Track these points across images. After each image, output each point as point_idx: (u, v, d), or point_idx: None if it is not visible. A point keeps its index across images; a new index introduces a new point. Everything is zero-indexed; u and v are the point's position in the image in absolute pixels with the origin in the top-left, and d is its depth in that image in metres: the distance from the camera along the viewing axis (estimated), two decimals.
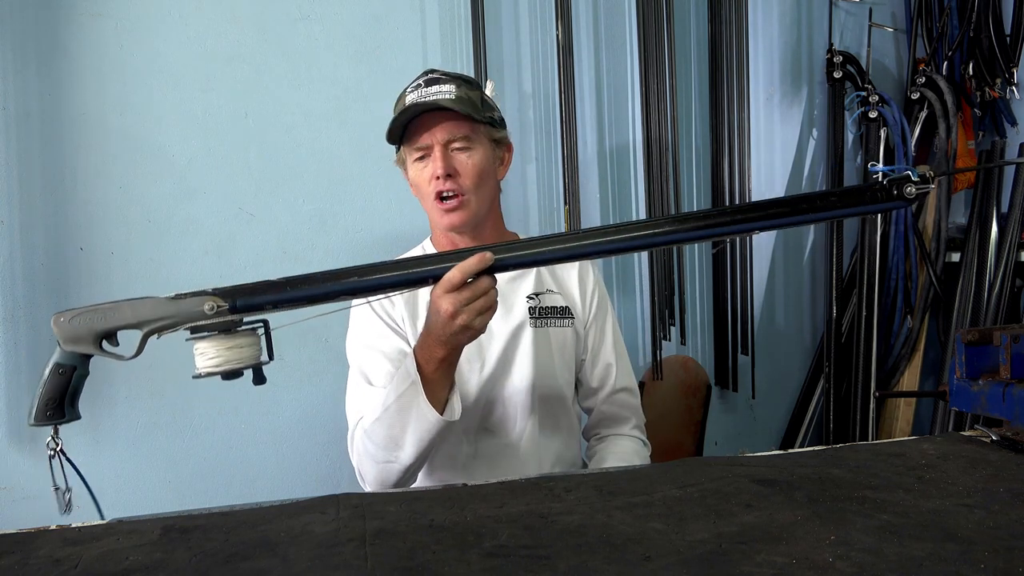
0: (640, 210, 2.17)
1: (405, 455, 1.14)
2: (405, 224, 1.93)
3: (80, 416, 0.93)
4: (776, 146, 2.36)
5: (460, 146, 1.28)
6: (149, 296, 0.89)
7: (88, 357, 0.90)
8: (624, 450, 1.38)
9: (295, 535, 0.78)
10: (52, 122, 1.74)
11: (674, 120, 2.11)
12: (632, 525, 0.76)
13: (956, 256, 2.36)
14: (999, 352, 0.98)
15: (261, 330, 0.93)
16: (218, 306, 0.89)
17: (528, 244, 0.97)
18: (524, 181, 2.07)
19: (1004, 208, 2.31)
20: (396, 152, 1.37)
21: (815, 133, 2.39)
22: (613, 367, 1.43)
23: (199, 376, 0.90)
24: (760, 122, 2.30)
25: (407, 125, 1.28)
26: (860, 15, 2.41)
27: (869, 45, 2.40)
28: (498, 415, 1.34)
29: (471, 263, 0.95)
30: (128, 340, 0.90)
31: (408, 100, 1.28)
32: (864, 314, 2.32)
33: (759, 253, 2.29)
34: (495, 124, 1.34)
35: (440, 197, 1.27)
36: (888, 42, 2.45)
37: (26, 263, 1.72)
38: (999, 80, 2.31)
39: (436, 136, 1.26)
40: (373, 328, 1.31)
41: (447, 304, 0.98)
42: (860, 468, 0.92)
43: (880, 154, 2.29)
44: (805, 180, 2.39)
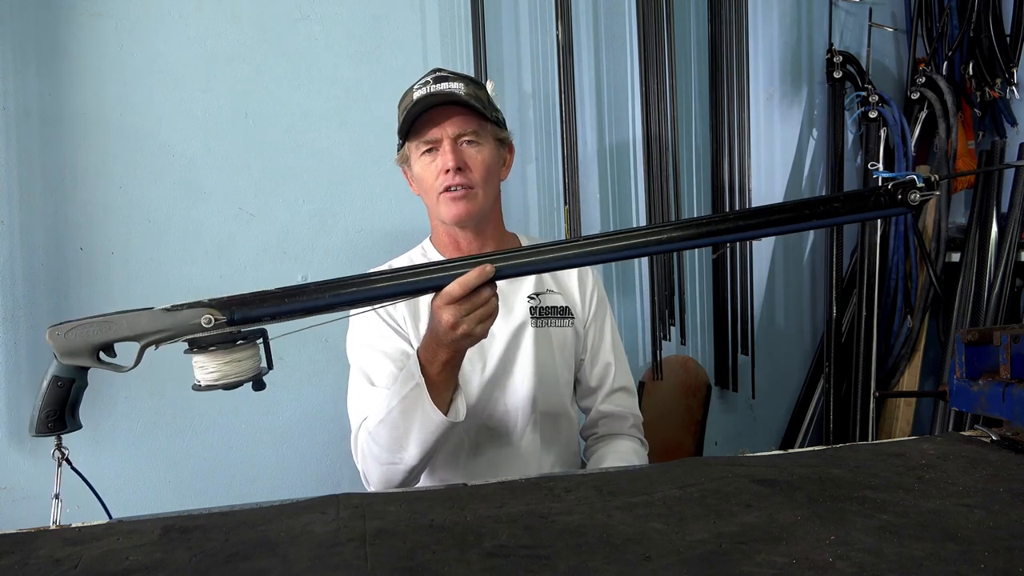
0: (640, 210, 2.17)
1: (409, 456, 1.14)
2: (405, 224, 1.93)
3: (81, 426, 0.92)
4: (776, 146, 2.36)
5: (470, 140, 1.28)
6: (145, 308, 0.87)
7: (86, 369, 0.88)
8: (622, 449, 1.38)
9: (295, 535, 0.78)
10: (52, 122, 1.74)
11: (674, 120, 2.11)
12: (632, 525, 0.76)
13: (956, 256, 2.37)
14: (999, 352, 0.98)
15: (259, 340, 0.92)
16: (215, 319, 0.87)
17: (527, 252, 0.97)
18: (524, 181, 2.07)
19: (1004, 208, 2.32)
20: (399, 150, 1.36)
21: (815, 133, 2.39)
22: (612, 366, 1.43)
23: (199, 388, 0.89)
24: (760, 122, 2.30)
25: (415, 120, 1.27)
26: (860, 15, 2.41)
27: (869, 45, 2.40)
28: (499, 415, 1.34)
29: (471, 277, 0.94)
30: (126, 349, 0.89)
31: (416, 95, 1.28)
32: (864, 314, 2.32)
33: (759, 253, 2.29)
34: (500, 124, 1.34)
35: (448, 189, 1.27)
36: (888, 42, 2.46)
37: (26, 263, 1.72)
38: (999, 80, 2.31)
39: (447, 130, 1.26)
40: (374, 328, 1.30)
41: (448, 315, 0.98)
42: (860, 468, 0.92)
43: (880, 154, 2.29)
44: (805, 180, 2.39)
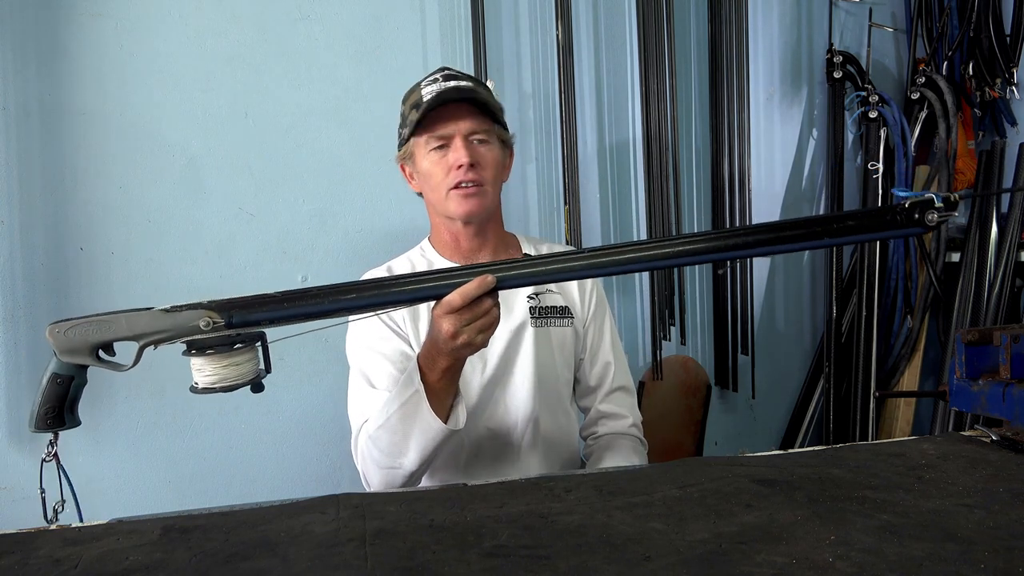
0: (640, 210, 2.17)
1: (409, 462, 1.15)
2: (405, 224, 1.93)
3: (80, 422, 0.92)
4: (776, 146, 2.35)
5: (481, 139, 1.29)
6: (145, 308, 0.87)
7: (85, 367, 0.88)
8: (622, 449, 1.38)
9: (295, 535, 0.78)
10: (52, 122, 1.74)
11: (674, 120, 2.11)
12: (632, 525, 0.76)
13: (956, 256, 2.36)
14: (999, 352, 0.98)
15: (258, 344, 0.91)
16: (214, 322, 0.86)
17: (530, 263, 0.95)
18: (524, 181, 2.07)
19: (1004, 208, 2.32)
20: (401, 146, 1.35)
21: (815, 133, 2.39)
22: (612, 366, 1.43)
23: (196, 391, 0.89)
24: (760, 122, 2.30)
25: (426, 115, 1.27)
26: (860, 15, 2.41)
27: (869, 45, 2.40)
28: (500, 415, 1.34)
29: (471, 288, 0.93)
30: (125, 348, 0.89)
31: (425, 92, 1.27)
32: (864, 314, 2.32)
33: None
34: (505, 127, 1.35)
35: (459, 186, 1.27)
36: (888, 42, 2.46)
37: (26, 263, 1.72)
38: (999, 80, 2.31)
39: (460, 127, 1.27)
40: (374, 330, 1.30)
41: (447, 325, 0.97)
42: (860, 468, 0.92)
43: (880, 154, 2.29)
44: (805, 180, 2.39)
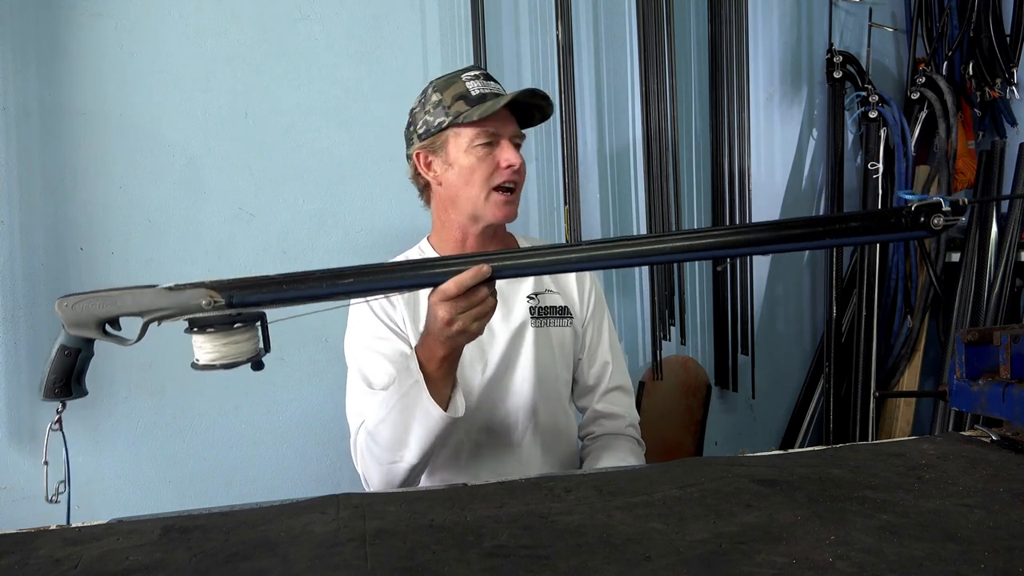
0: (640, 210, 2.17)
1: (410, 454, 1.14)
2: (405, 223, 1.93)
3: (87, 392, 0.94)
4: (776, 146, 2.36)
5: (518, 144, 1.32)
6: (150, 285, 0.90)
7: (92, 340, 0.91)
8: (619, 449, 1.38)
9: (295, 535, 0.78)
10: (52, 122, 1.74)
11: (674, 120, 2.11)
12: (632, 525, 0.76)
13: (956, 256, 2.37)
14: (999, 352, 0.98)
15: (258, 323, 0.93)
16: (215, 301, 0.89)
17: (526, 254, 0.96)
18: (524, 181, 2.07)
19: (1004, 208, 2.31)
20: (428, 135, 1.29)
21: (815, 133, 2.39)
22: (610, 365, 1.43)
23: (197, 367, 0.91)
24: (760, 122, 2.30)
25: (487, 111, 1.25)
26: (860, 15, 2.41)
27: (869, 45, 2.40)
28: (500, 415, 1.34)
29: (466, 276, 0.94)
30: (130, 325, 0.91)
31: (473, 86, 1.27)
32: (864, 314, 2.32)
33: None
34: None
35: (503, 188, 1.29)
36: (888, 42, 2.46)
37: (26, 263, 1.72)
38: (999, 80, 2.31)
39: (508, 128, 1.30)
40: (373, 330, 1.30)
41: (443, 312, 0.98)
42: (860, 468, 0.92)
43: (880, 154, 2.29)
44: (805, 180, 2.39)
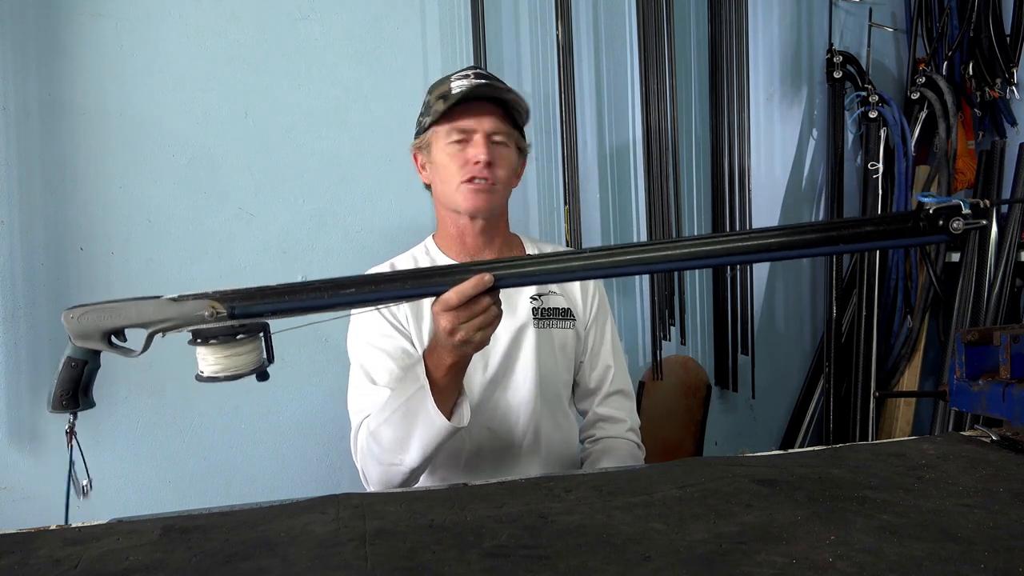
0: (640, 210, 2.17)
1: (410, 458, 1.14)
2: (405, 223, 1.93)
3: (94, 404, 0.94)
4: (776, 146, 2.35)
5: (500, 140, 1.30)
6: (153, 297, 0.90)
7: (98, 352, 0.91)
8: (619, 452, 1.38)
9: (295, 535, 0.78)
10: (52, 121, 1.73)
11: (674, 120, 2.11)
12: (632, 525, 0.76)
13: (956, 256, 2.37)
14: (999, 352, 0.98)
15: (261, 334, 0.93)
16: (217, 312, 0.89)
17: (529, 263, 0.96)
18: (524, 181, 2.05)
19: (1004, 208, 2.31)
20: (419, 135, 1.35)
21: (815, 133, 2.39)
22: (611, 369, 1.43)
23: (201, 379, 0.91)
24: (760, 122, 2.30)
25: (454, 106, 1.27)
26: (860, 15, 2.41)
27: (869, 45, 2.40)
28: (501, 415, 1.34)
29: (467, 286, 0.94)
30: (136, 335, 0.91)
31: (455, 85, 1.28)
32: (864, 314, 2.32)
33: None
34: (523, 135, 1.36)
35: (471, 180, 1.28)
36: (888, 42, 2.46)
37: (26, 263, 1.72)
38: (999, 80, 2.31)
39: (484, 124, 1.28)
40: (376, 326, 1.30)
41: (445, 322, 0.98)
42: (860, 468, 0.92)
43: (880, 154, 2.29)
44: (805, 180, 2.39)
